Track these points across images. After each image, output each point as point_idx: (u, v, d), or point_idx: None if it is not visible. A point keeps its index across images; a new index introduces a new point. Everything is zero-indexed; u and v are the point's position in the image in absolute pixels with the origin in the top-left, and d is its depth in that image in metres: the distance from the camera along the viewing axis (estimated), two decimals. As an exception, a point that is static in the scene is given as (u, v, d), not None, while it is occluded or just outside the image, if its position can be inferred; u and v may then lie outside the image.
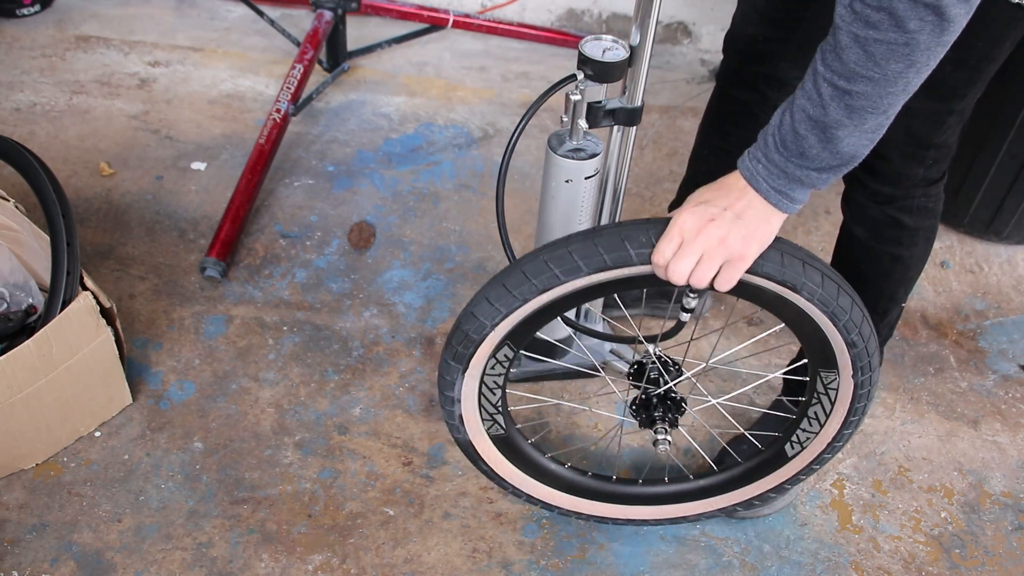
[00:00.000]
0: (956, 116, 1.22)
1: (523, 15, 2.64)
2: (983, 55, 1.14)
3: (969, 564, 1.50)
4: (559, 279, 1.13)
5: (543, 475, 1.44)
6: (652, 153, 2.26)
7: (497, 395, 1.31)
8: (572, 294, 1.16)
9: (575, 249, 1.12)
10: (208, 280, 1.85)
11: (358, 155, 2.18)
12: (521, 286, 1.15)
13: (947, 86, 1.16)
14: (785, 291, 1.14)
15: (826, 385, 1.28)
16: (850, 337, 1.18)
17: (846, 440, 1.34)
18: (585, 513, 1.48)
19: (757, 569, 1.47)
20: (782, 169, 0.99)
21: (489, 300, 1.17)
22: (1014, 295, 1.97)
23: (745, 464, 1.45)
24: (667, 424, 1.35)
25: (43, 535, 1.43)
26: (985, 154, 1.90)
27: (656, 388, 1.36)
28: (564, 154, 1.35)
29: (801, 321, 1.20)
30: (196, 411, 1.62)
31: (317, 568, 1.43)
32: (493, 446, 1.38)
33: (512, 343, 1.23)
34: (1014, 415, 1.74)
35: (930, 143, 1.23)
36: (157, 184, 2.05)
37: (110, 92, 2.30)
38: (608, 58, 1.23)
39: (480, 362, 1.24)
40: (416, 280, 1.89)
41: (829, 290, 1.14)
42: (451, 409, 1.30)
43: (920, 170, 1.26)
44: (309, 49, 2.21)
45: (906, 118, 1.20)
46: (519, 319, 1.19)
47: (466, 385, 1.27)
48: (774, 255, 1.11)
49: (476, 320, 1.18)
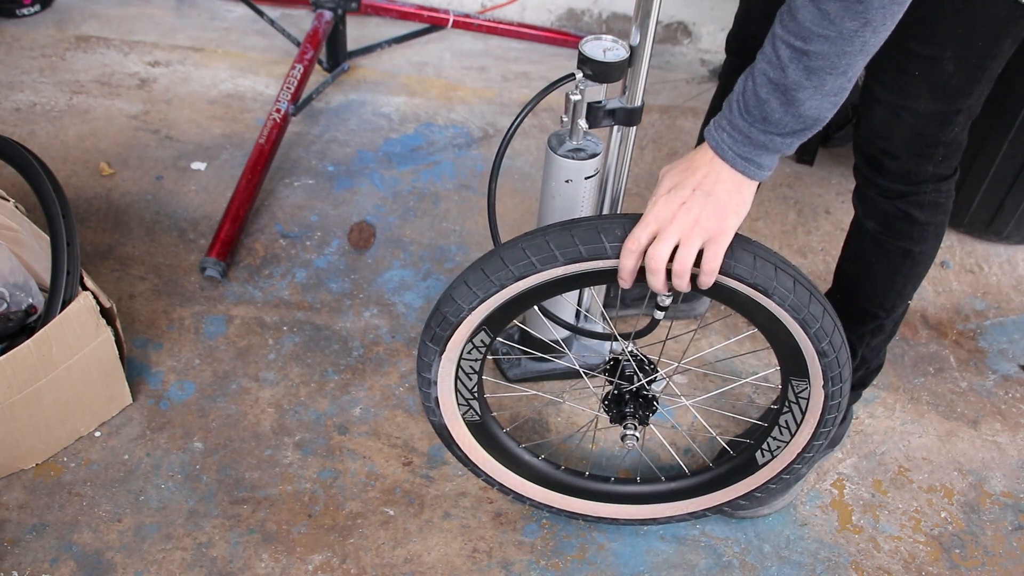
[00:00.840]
0: (964, 114, 1.21)
1: (523, 15, 2.64)
2: (984, 53, 1.14)
3: (969, 564, 1.50)
4: (535, 267, 1.15)
5: (517, 465, 1.45)
6: (652, 153, 2.26)
7: (473, 381, 1.32)
8: (549, 283, 1.18)
9: (552, 239, 1.14)
10: (208, 280, 1.85)
11: (358, 155, 2.18)
12: (499, 272, 1.16)
13: (951, 86, 1.16)
14: (756, 294, 1.14)
15: (797, 394, 1.28)
16: (821, 346, 1.18)
17: (817, 451, 1.33)
18: (556, 507, 1.48)
19: (757, 569, 1.47)
20: (747, 135, 0.99)
21: (468, 284, 1.19)
22: (1014, 295, 1.97)
23: (716, 470, 1.44)
24: (636, 421, 1.35)
25: (43, 535, 1.43)
26: (985, 154, 1.90)
27: (628, 385, 1.36)
28: (564, 154, 1.35)
29: (773, 327, 1.20)
30: (196, 411, 1.62)
31: (317, 568, 1.43)
32: (468, 432, 1.39)
33: (489, 329, 1.24)
34: (1014, 415, 1.74)
35: (938, 141, 1.23)
36: (157, 184, 2.05)
37: (110, 92, 2.30)
38: (608, 58, 1.23)
39: (457, 346, 1.26)
40: (416, 280, 1.89)
41: (800, 296, 1.14)
42: (428, 391, 1.31)
43: (930, 167, 1.26)
44: (309, 49, 2.21)
45: (913, 118, 1.20)
46: (496, 304, 1.21)
47: (443, 368, 1.28)
48: (746, 258, 1.11)
49: (454, 303, 1.20)
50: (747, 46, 1.52)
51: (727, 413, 1.67)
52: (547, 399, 1.68)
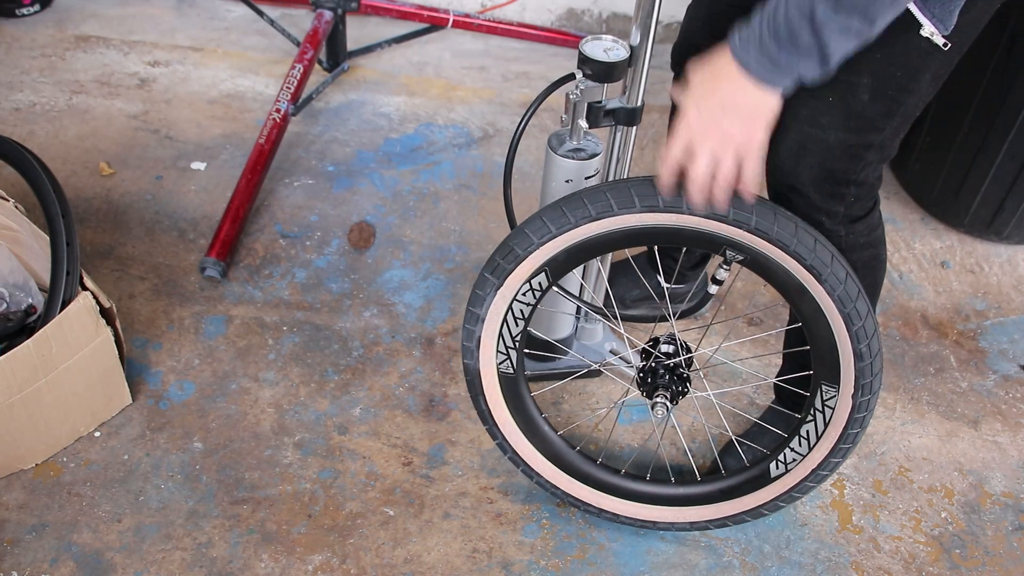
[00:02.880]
0: (875, 152, 1.18)
1: (523, 15, 2.64)
2: (900, 87, 1.12)
3: (969, 564, 1.50)
4: (612, 210, 1.18)
5: (534, 435, 1.45)
6: (652, 153, 2.26)
7: (518, 328, 1.34)
8: (620, 233, 1.21)
9: (635, 187, 1.17)
10: (208, 280, 1.85)
11: (358, 155, 2.18)
12: (577, 210, 1.20)
13: (865, 118, 1.14)
14: (809, 279, 1.15)
15: (824, 401, 1.27)
16: (859, 346, 1.18)
17: (833, 469, 1.32)
18: (562, 489, 1.47)
19: (757, 569, 1.47)
20: (773, 58, 1.01)
21: (543, 219, 1.22)
22: (1014, 295, 1.97)
23: (726, 479, 1.43)
24: (668, 395, 1.36)
25: (43, 535, 1.43)
26: (985, 154, 1.90)
27: (667, 360, 1.37)
28: (564, 154, 1.35)
29: (816, 320, 1.20)
30: (196, 411, 1.62)
31: (317, 568, 1.42)
32: (498, 384, 1.40)
33: (550, 272, 1.27)
34: (1014, 415, 1.73)
35: (849, 179, 1.20)
36: (157, 184, 2.05)
37: (110, 92, 2.29)
38: (609, 58, 1.23)
39: (516, 283, 1.28)
40: (416, 280, 1.89)
41: (850, 289, 1.15)
42: (472, 329, 1.33)
43: (840, 208, 1.24)
44: (309, 49, 2.21)
45: (822, 152, 1.17)
46: (564, 246, 1.23)
47: (495, 305, 1.30)
48: (807, 239, 1.14)
49: (526, 237, 1.23)
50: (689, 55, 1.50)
51: (744, 414, 1.67)
52: (585, 367, 1.67)
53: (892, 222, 2.08)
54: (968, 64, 1.25)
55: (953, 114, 1.92)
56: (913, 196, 2.13)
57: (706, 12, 1.41)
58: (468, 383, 1.40)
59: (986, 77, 1.81)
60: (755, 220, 1.15)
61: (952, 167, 1.98)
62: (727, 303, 1.88)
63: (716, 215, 1.16)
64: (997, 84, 1.80)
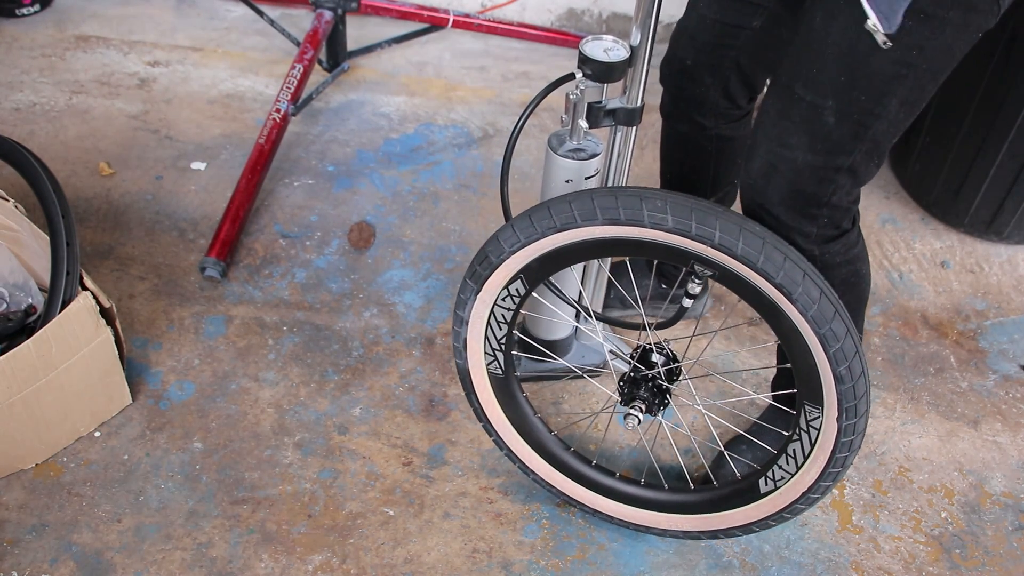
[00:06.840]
0: (846, 175, 1.16)
1: (523, 15, 2.64)
2: (867, 110, 1.09)
3: (969, 564, 1.50)
4: (576, 222, 1.18)
5: (528, 434, 1.46)
6: (652, 153, 2.26)
7: (502, 331, 1.35)
8: (587, 243, 1.21)
9: (597, 198, 1.17)
10: (208, 280, 1.85)
11: (358, 155, 2.18)
12: (543, 220, 1.21)
13: (831, 140, 1.12)
14: (781, 297, 1.12)
15: (808, 422, 1.23)
16: (838, 370, 1.14)
17: (823, 493, 1.27)
18: (557, 488, 1.48)
19: (757, 569, 1.47)
20: None
21: (514, 228, 1.24)
22: (1014, 295, 1.97)
23: (717, 489, 1.40)
24: (643, 405, 1.35)
25: (43, 535, 1.43)
26: (985, 154, 1.90)
27: (646, 370, 1.36)
28: (564, 154, 1.35)
29: (793, 339, 1.17)
30: (196, 411, 1.62)
31: (317, 568, 1.42)
32: (488, 384, 1.42)
33: (525, 279, 1.28)
34: (1014, 415, 1.73)
35: (820, 202, 1.18)
36: (157, 184, 2.05)
37: (110, 92, 2.29)
38: (609, 58, 1.23)
39: (494, 288, 1.30)
40: (416, 280, 1.89)
41: (825, 309, 1.11)
42: (459, 330, 1.36)
43: (813, 228, 1.21)
44: (309, 49, 2.21)
45: (791, 172, 1.15)
46: (535, 255, 1.24)
47: (476, 309, 1.33)
48: (776, 256, 1.10)
49: (498, 244, 1.25)
50: (675, 69, 1.50)
51: (744, 414, 1.67)
52: (569, 373, 1.67)
53: (892, 222, 2.08)
54: (968, 64, 1.24)
55: (953, 114, 1.92)
56: (913, 196, 2.13)
57: (694, 27, 1.41)
58: (461, 382, 1.43)
59: (986, 77, 1.81)
60: (718, 236, 1.11)
61: (952, 167, 1.98)
62: (727, 303, 1.88)
63: (677, 229, 1.13)
64: (997, 84, 1.80)
